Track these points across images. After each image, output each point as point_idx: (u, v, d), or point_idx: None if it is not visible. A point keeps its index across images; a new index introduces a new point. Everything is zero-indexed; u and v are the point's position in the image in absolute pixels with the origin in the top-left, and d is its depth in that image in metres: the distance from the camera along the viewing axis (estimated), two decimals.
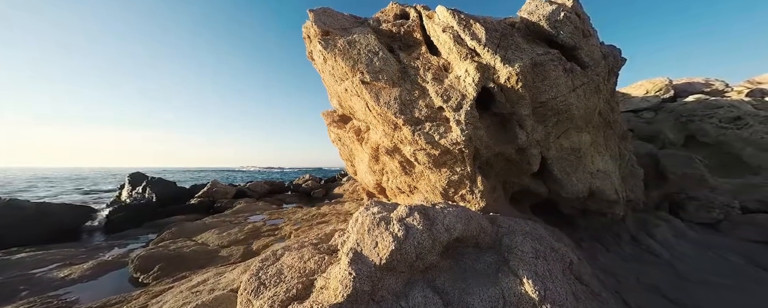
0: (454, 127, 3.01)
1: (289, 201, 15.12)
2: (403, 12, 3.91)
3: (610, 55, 3.53)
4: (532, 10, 3.17)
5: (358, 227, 1.95)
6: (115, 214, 10.07)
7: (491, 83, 3.05)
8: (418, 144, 3.17)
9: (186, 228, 8.34)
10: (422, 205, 2.11)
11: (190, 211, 11.66)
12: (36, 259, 6.15)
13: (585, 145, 3.69)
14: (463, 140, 2.94)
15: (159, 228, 9.20)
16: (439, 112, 3.19)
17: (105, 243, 7.83)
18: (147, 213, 10.63)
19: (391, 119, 3.29)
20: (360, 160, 5.38)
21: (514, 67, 2.86)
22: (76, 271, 5.39)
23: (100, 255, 6.49)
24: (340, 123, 5.71)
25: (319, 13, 3.90)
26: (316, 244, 2.57)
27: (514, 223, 2.55)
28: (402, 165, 3.75)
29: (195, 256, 6.07)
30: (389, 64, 3.47)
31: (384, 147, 3.74)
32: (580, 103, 3.27)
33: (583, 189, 3.76)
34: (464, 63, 3.09)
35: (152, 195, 12.40)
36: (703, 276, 3.68)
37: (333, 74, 3.84)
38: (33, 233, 8.08)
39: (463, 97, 3.05)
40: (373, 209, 2.19)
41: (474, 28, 2.99)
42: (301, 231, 7.91)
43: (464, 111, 2.98)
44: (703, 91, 11.03)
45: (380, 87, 3.38)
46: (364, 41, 3.61)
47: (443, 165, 3.33)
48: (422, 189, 3.94)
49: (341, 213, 10.14)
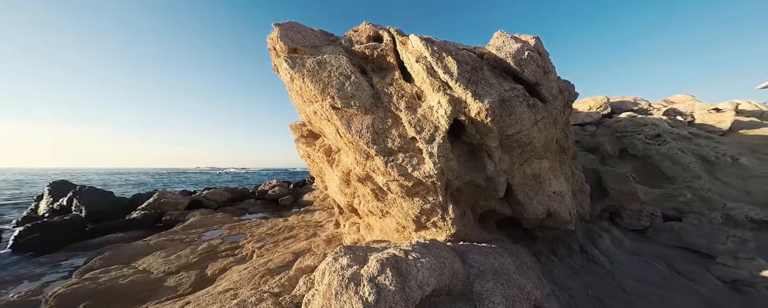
0: (427, 159, 2.99)
1: (253, 211, 14.05)
2: (376, 34, 3.79)
3: (566, 89, 3.84)
4: (500, 46, 3.29)
5: (324, 289, 1.78)
6: (27, 234, 8.34)
7: (462, 116, 3.09)
8: (390, 175, 3.09)
9: (123, 251, 7.21)
10: (395, 256, 2.01)
11: (131, 227, 10.14)
12: None
13: (544, 171, 3.97)
14: (436, 173, 2.93)
15: (89, 250, 7.81)
16: (412, 143, 3.14)
17: (10, 275, 6.41)
18: (72, 232, 8.97)
19: (363, 148, 3.16)
20: (330, 180, 5.14)
21: (483, 102, 2.93)
22: None
23: (2, 294, 5.28)
24: (309, 139, 5.40)
25: (287, 28, 3.60)
26: (278, 295, 2.33)
27: (484, 259, 2.60)
28: (374, 193, 3.64)
29: (133, 289, 5.25)
30: (362, 89, 3.33)
31: (356, 174, 3.59)
32: (541, 134, 3.49)
33: (542, 210, 4.05)
34: (437, 94, 3.08)
35: (81, 209, 10.54)
36: (637, 286, 4.22)
37: (301, 95, 3.58)
38: None
39: (436, 129, 3.04)
40: (342, 260, 2.03)
41: (446, 61, 3.00)
42: (265, 249, 7.34)
43: (437, 143, 2.97)
44: (632, 109, 12.86)
45: (352, 113, 3.22)
46: (336, 63, 3.41)
47: (416, 194, 3.30)
48: (395, 215, 3.88)
49: (311, 226, 9.69)
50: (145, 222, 10.59)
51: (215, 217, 11.41)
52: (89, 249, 7.86)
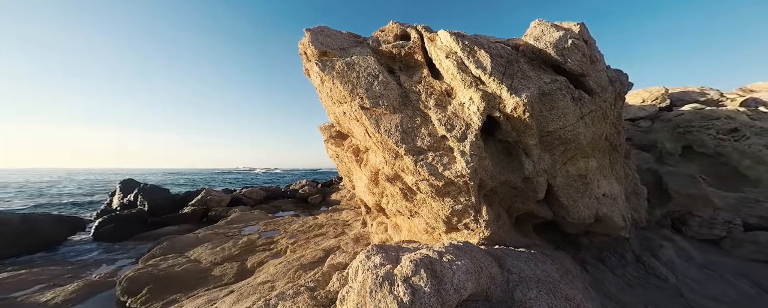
0: (459, 158, 2.88)
1: (285, 209, 14.88)
2: (403, 32, 3.76)
3: (617, 80, 3.43)
4: (539, 36, 3.05)
5: (359, 286, 1.79)
6: (104, 225, 9.78)
7: (497, 112, 2.92)
8: (420, 174, 3.03)
9: (178, 242, 8.09)
10: (429, 257, 1.96)
11: (183, 221, 11.36)
12: (18, 280, 5.87)
13: (591, 171, 3.59)
14: (468, 173, 2.81)
15: (150, 240, 8.92)
16: (442, 141, 3.05)
17: (93, 259, 7.55)
18: (138, 224, 10.32)
19: (392, 148, 3.14)
20: (358, 179, 5.22)
21: (521, 97, 2.73)
22: (60, 294, 5.14)
23: (87, 274, 6.24)
24: (338, 139, 5.54)
25: (317, 32, 3.74)
26: (313, 290, 2.42)
27: (525, 265, 2.42)
28: (403, 192, 3.60)
29: (186, 276, 5.84)
30: (390, 88, 3.32)
31: (384, 173, 3.59)
32: (588, 130, 3.16)
33: (589, 214, 3.66)
34: (469, 91, 2.95)
35: (144, 204, 12.06)
36: (713, 306, 3.60)
37: (331, 96, 3.68)
38: (18, 247, 7.77)
39: (468, 127, 2.91)
40: (375, 259, 2.04)
41: (479, 55, 2.86)
42: (297, 245, 7.71)
43: (469, 141, 2.85)
44: (698, 100, 11.09)
45: (380, 113, 3.23)
46: (364, 63, 3.45)
47: (446, 195, 3.19)
48: (424, 215, 3.80)
49: (339, 224, 9.96)
50: (194, 217, 11.81)
51: (253, 214, 12.30)
52: (151, 239, 8.99)
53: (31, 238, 8.09)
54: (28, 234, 8.12)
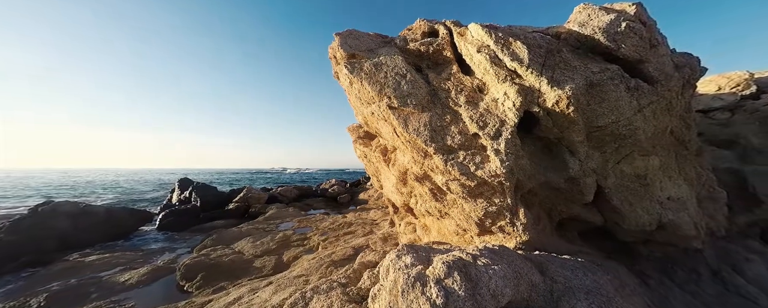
0: (493, 156, 2.72)
1: (316, 207, 15.58)
2: (431, 29, 3.68)
3: (685, 65, 2.94)
4: (585, 21, 2.75)
5: (390, 285, 1.79)
6: (166, 218, 11.19)
7: (535, 107, 2.70)
8: (451, 174, 2.94)
9: (224, 235, 8.95)
10: (462, 260, 1.88)
11: (228, 216, 12.52)
12: (103, 262, 6.99)
13: (653, 170, 3.13)
14: (504, 172, 2.64)
15: (202, 232, 10.01)
16: (474, 140, 2.92)
17: (158, 246, 8.69)
18: (192, 218, 11.64)
19: (420, 147, 3.10)
20: (386, 179, 5.25)
21: (563, 89, 2.49)
22: (134, 276, 5.99)
23: (154, 260, 7.19)
24: (366, 139, 5.63)
25: (345, 36, 3.84)
26: (345, 286, 2.48)
27: (571, 273, 2.20)
28: (432, 192, 3.53)
29: (232, 266, 6.43)
30: (418, 86, 3.27)
31: (413, 173, 3.56)
32: (648, 124, 2.76)
33: (649, 220, 3.20)
34: (503, 85, 2.78)
35: (197, 201, 13.56)
36: None
37: (359, 97, 3.76)
38: (102, 234, 9.26)
39: (502, 124, 2.74)
40: (406, 259, 2.02)
41: (514, 47, 2.67)
42: (328, 242, 8.02)
43: (504, 139, 2.68)
44: None
45: (408, 112, 3.20)
46: (391, 63, 3.46)
47: (479, 195, 3.04)
48: (454, 217, 3.68)
49: (367, 223, 10.14)
50: (237, 213, 12.95)
51: (287, 211, 13.09)
52: (203, 232, 10.10)
53: (112, 228, 9.62)
54: (110, 224, 9.67)
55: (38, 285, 5.60)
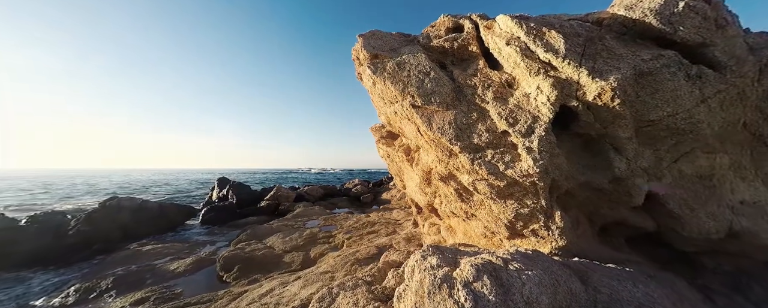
0: (524, 155, 2.56)
1: (340, 206, 15.97)
2: (456, 25, 3.57)
3: (763, 47, 2.49)
4: (632, 4, 2.46)
5: (416, 286, 1.77)
6: (208, 214, 12.24)
7: (574, 101, 2.48)
8: (478, 174, 2.82)
9: (257, 230, 9.55)
10: (492, 263, 1.79)
11: (260, 213, 13.35)
12: (157, 252, 7.84)
13: (721, 170, 2.70)
14: (537, 172, 2.47)
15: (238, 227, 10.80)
16: (503, 137, 2.76)
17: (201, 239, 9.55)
18: (230, 214, 12.62)
19: (445, 146, 3.02)
20: (409, 179, 5.20)
21: (607, 80, 2.25)
22: (181, 265, 6.64)
23: (198, 251, 7.91)
24: (389, 139, 5.64)
25: (368, 37, 3.88)
26: (370, 284, 2.50)
27: (618, 284, 1.98)
28: (458, 193, 3.42)
29: (264, 260, 6.83)
30: (442, 84, 3.19)
31: (437, 172, 3.48)
32: (714, 117, 2.39)
33: (716, 228, 2.77)
34: (535, 79, 2.60)
35: (233, 198, 14.66)
36: None
37: (382, 97, 3.77)
38: (155, 226, 10.42)
39: (535, 120, 2.56)
40: (431, 260, 1.97)
41: (548, 37, 2.48)
42: (352, 240, 8.18)
43: (537, 136, 2.50)
44: None
45: (433, 110, 3.13)
46: (414, 61, 3.42)
47: (509, 196, 2.88)
48: (482, 218, 3.52)
49: (390, 223, 10.15)
50: (268, 210, 13.76)
51: (314, 209, 13.60)
52: (238, 227, 10.90)
53: (163, 221, 10.80)
54: (162, 218, 10.86)
55: (106, 269, 6.46)
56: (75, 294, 5.22)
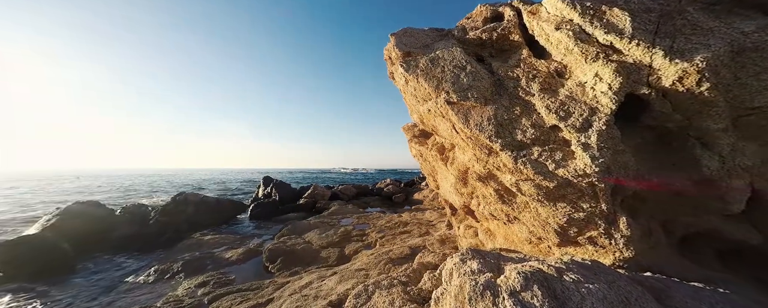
0: (580, 152, 2.26)
1: (372, 205, 16.22)
2: (494, 14, 3.33)
3: None
4: None
5: (455, 290, 1.67)
6: (255, 209, 13.46)
7: (644, 88, 2.10)
8: (522, 173, 2.58)
9: (297, 226, 10.20)
10: (542, 272, 1.61)
11: (299, 210, 14.25)
12: (215, 241, 8.87)
13: None
14: (596, 171, 2.16)
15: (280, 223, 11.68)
16: (552, 133, 2.48)
17: (249, 232, 10.55)
18: (274, 210, 13.72)
19: (484, 143, 2.82)
20: (443, 178, 5.02)
21: (692, 61, 1.86)
22: (234, 255, 7.40)
23: (248, 243, 8.74)
24: (421, 138, 5.52)
25: (400, 35, 3.85)
26: (406, 284, 2.47)
27: None
28: (498, 194, 3.18)
29: (303, 254, 7.26)
30: (479, 78, 3.00)
31: (475, 172, 3.28)
32: None
33: None
34: (593, 65, 2.27)
35: (276, 196, 15.91)
36: None
37: (415, 95, 3.70)
38: (213, 218, 11.80)
39: (593, 112, 2.24)
40: (471, 264, 1.86)
41: (610, 16, 2.15)
42: (385, 240, 8.23)
43: (595, 131, 2.18)
44: None
45: (469, 106, 2.96)
46: (448, 56, 3.28)
47: (560, 199, 2.57)
48: (526, 222, 3.22)
49: (423, 224, 9.98)
50: (306, 207, 14.61)
51: (347, 208, 14.04)
52: (281, 222, 11.79)
53: (219, 215, 12.20)
54: (218, 212, 12.29)
55: (176, 254, 7.51)
56: (154, 274, 6.17)
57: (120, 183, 35.97)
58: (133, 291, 5.53)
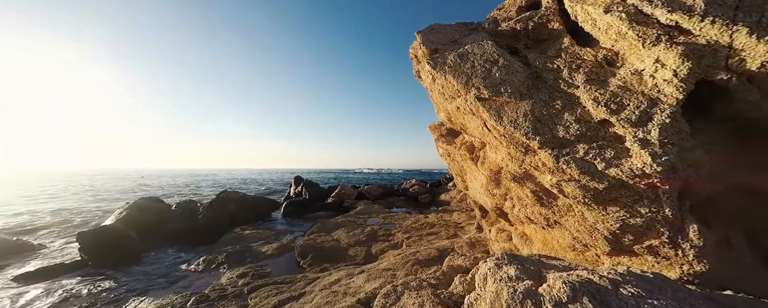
0: (637, 149, 1.99)
1: (398, 206, 16.17)
2: (530, 2, 3.09)
3: None
4: None
5: (491, 297, 1.58)
6: (288, 207, 14.23)
7: (722, 73, 1.78)
8: (565, 173, 2.35)
9: (326, 224, 10.56)
10: (593, 283, 1.45)
11: (327, 208, 14.75)
12: (253, 235, 9.55)
13: None
14: (658, 171, 1.88)
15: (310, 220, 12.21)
16: (601, 128, 2.23)
17: (283, 228, 11.17)
18: (304, 208, 14.39)
19: (520, 141, 2.63)
20: (473, 179, 4.81)
21: None
22: (270, 249, 7.89)
23: (282, 238, 9.27)
24: (449, 137, 5.35)
25: (426, 32, 3.77)
26: (435, 287, 2.40)
27: None
28: (536, 195, 2.94)
29: (332, 251, 7.48)
30: (513, 71, 2.81)
31: (509, 171, 3.08)
32: None
33: None
34: (652, 50, 1.99)
35: (306, 194, 16.67)
36: None
37: (443, 93, 3.59)
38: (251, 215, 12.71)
39: (653, 103, 1.96)
40: (509, 270, 1.74)
41: None
42: (411, 240, 8.15)
43: (657, 124, 1.91)
44: None
45: (503, 102, 2.79)
46: (479, 50, 3.12)
47: (612, 202, 2.30)
48: (570, 227, 2.94)
49: (450, 226, 9.69)
50: (334, 206, 15.07)
51: (373, 207, 14.19)
52: (310, 220, 12.32)
53: (256, 211, 13.14)
54: (256, 209, 13.24)
55: (221, 247, 8.24)
56: (203, 263, 6.84)
57: (174, 182, 40.86)
58: (186, 278, 6.19)
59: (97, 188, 29.73)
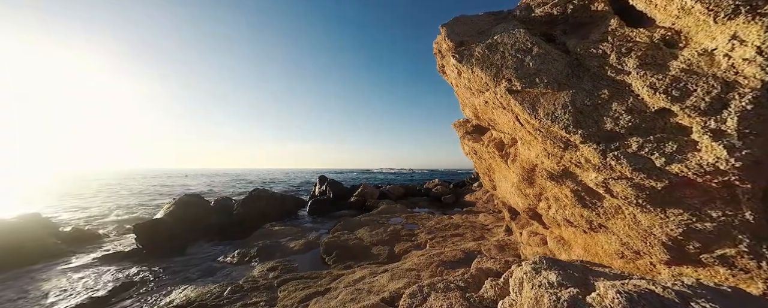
0: (707, 141, 1.70)
1: (421, 206, 15.93)
2: None
3: None
4: None
5: (529, 304, 1.44)
6: (313, 205, 14.71)
7: None
8: (613, 170, 2.09)
9: (349, 222, 10.72)
10: (655, 294, 1.25)
11: (350, 207, 14.99)
12: (282, 231, 9.99)
13: None
14: (736, 166, 1.58)
15: (334, 219, 12.49)
16: (659, 119, 1.95)
17: (308, 225, 11.55)
18: (328, 206, 14.78)
19: (558, 135, 2.41)
20: (502, 178, 4.53)
21: None
22: (296, 245, 8.20)
23: (307, 235, 9.58)
24: (475, 134, 5.12)
25: (451, 24, 3.62)
26: (464, 289, 2.28)
27: None
28: (578, 195, 2.67)
29: (356, 249, 7.56)
30: (549, 60, 2.58)
31: (545, 169, 2.84)
32: None
33: None
34: (727, 25, 1.68)
35: (330, 193, 17.10)
36: None
37: (469, 87, 3.43)
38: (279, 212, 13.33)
39: (727, 88, 1.66)
40: (549, 275, 1.58)
41: None
42: (435, 241, 7.95)
43: (735, 112, 1.61)
44: None
45: (538, 93, 2.57)
46: (509, 40, 2.92)
47: (672, 203, 2.00)
48: (618, 231, 2.63)
49: (476, 227, 9.30)
50: (356, 205, 15.27)
51: (395, 207, 14.12)
52: (334, 218, 12.61)
53: (284, 209, 13.78)
54: (283, 206, 13.88)
55: (252, 241, 8.74)
56: (237, 256, 7.30)
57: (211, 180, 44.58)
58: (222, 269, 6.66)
59: (145, 185, 33.43)
